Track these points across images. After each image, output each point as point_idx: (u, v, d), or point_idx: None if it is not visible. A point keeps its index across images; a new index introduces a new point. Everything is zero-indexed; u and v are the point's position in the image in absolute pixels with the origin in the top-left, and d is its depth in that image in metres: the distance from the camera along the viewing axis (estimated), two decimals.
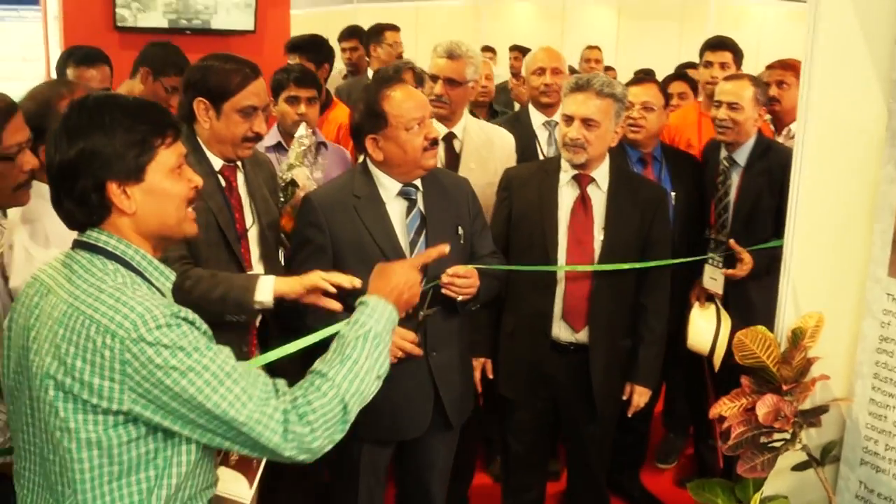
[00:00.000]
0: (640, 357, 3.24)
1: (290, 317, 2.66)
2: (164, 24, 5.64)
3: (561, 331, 3.16)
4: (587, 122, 3.06)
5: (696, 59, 6.75)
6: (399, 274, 2.03)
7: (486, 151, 3.63)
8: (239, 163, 2.81)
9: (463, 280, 2.74)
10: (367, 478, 2.92)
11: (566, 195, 3.15)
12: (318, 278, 2.51)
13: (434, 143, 2.76)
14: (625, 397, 3.25)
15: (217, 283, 2.54)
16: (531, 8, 11.45)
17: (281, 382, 1.78)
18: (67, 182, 1.70)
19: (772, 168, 3.58)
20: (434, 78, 3.63)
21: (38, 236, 2.32)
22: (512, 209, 3.20)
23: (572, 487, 3.52)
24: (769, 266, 3.29)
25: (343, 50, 6.30)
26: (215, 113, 2.67)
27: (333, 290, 2.51)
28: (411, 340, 2.72)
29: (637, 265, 3.14)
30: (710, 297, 3.73)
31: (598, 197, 3.16)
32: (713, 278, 3.71)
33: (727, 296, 3.67)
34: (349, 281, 2.49)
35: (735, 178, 3.69)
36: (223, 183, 2.76)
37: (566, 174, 3.16)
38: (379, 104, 2.73)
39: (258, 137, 2.74)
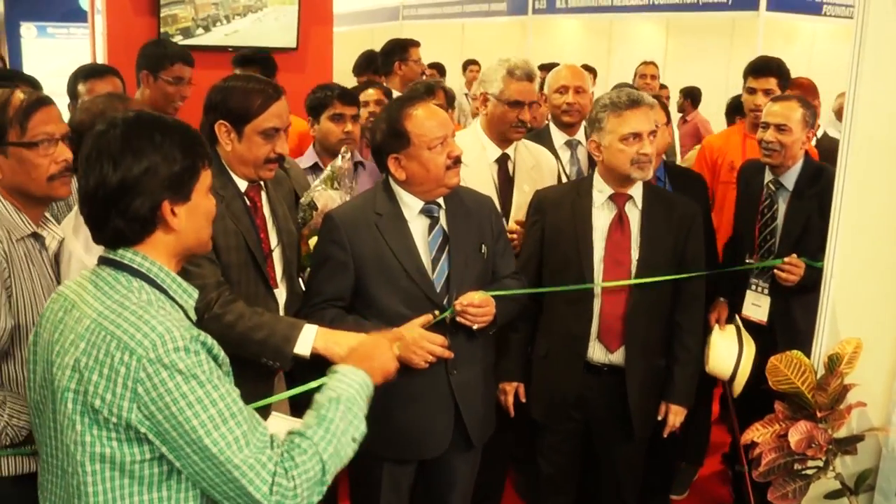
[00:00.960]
0: (675, 376, 3.19)
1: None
2: (207, 41, 5.68)
3: (595, 352, 3.13)
4: (653, 135, 3.08)
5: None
6: (369, 344, 2.11)
7: (536, 173, 3.59)
8: (262, 182, 2.80)
9: (477, 309, 2.73)
10: (388, 497, 2.90)
11: (601, 216, 3.13)
12: None
13: (457, 161, 2.75)
14: (660, 417, 3.19)
15: (259, 326, 2.53)
16: (578, 24, 11.41)
17: (275, 435, 1.78)
18: (125, 199, 1.72)
19: (823, 192, 3.37)
20: (517, 104, 3.45)
21: (93, 248, 2.35)
22: (545, 231, 3.17)
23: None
24: (818, 282, 3.22)
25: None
26: (237, 135, 2.64)
27: None
28: (441, 344, 2.69)
29: (669, 277, 3.11)
30: (729, 320, 3.62)
31: (634, 215, 3.14)
32: (756, 304, 3.60)
33: (773, 322, 3.57)
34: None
35: (782, 203, 3.57)
36: (249, 204, 2.75)
37: (601, 194, 3.13)
38: (401, 123, 2.72)
39: (280, 158, 2.71)
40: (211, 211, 1.87)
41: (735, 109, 5.67)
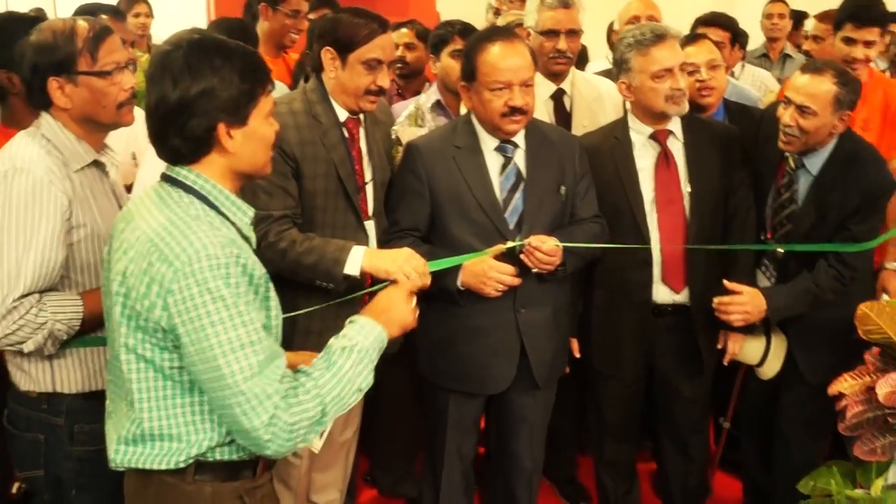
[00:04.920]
0: None
1: None
2: None
3: (660, 294, 3.04)
4: (684, 67, 2.98)
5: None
6: (387, 297, 2.10)
7: (597, 105, 3.46)
8: (361, 117, 2.85)
9: (542, 255, 2.69)
10: (454, 428, 2.94)
11: (644, 157, 3.01)
12: (405, 279, 2.50)
13: (514, 111, 2.69)
14: (719, 346, 3.09)
15: (310, 250, 2.61)
16: None
17: (288, 371, 1.81)
18: (181, 118, 1.77)
19: (848, 185, 2.89)
20: (552, 33, 3.34)
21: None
22: None
23: (664, 454, 3.38)
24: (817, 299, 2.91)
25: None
26: (341, 63, 2.71)
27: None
28: (510, 273, 2.70)
29: (725, 247, 3.00)
30: None
31: (678, 149, 3.03)
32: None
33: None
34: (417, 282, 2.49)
35: (803, 186, 2.99)
36: (346, 135, 2.79)
37: (640, 135, 3.02)
38: (473, 55, 2.72)
39: (381, 91, 2.76)
40: (268, 137, 1.89)
41: None
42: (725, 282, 2.91)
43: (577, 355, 3.13)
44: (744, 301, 2.89)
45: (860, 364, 2.53)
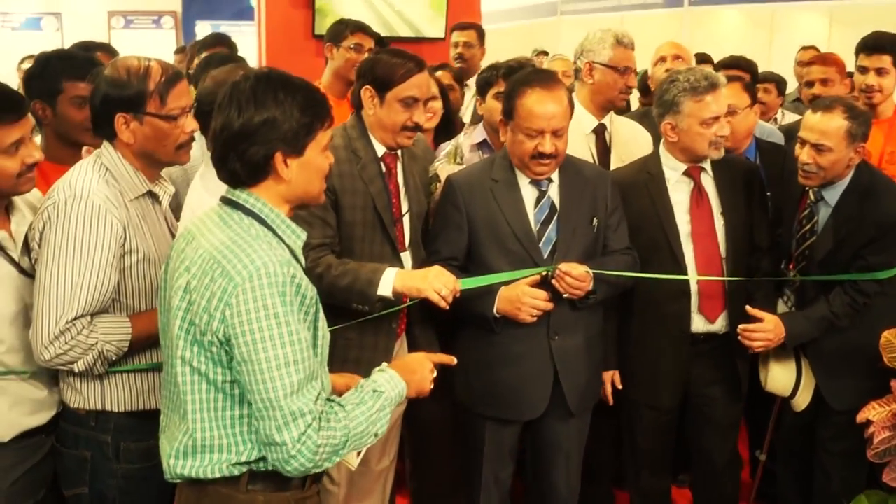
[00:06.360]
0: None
1: None
2: None
3: (695, 323, 3.12)
4: (728, 116, 3.10)
5: None
6: (415, 360, 2.21)
7: (634, 145, 3.59)
8: (399, 152, 2.99)
9: (572, 280, 2.79)
10: (490, 456, 3.01)
11: (678, 192, 3.13)
12: (436, 296, 2.64)
13: (542, 156, 2.81)
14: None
15: (345, 273, 2.73)
16: (738, 15, 11.03)
17: (324, 393, 1.92)
18: (243, 144, 1.90)
19: (863, 216, 2.99)
20: (628, 70, 3.52)
21: (211, 188, 2.46)
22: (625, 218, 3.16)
23: (695, 480, 3.48)
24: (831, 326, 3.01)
25: None
26: (379, 101, 2.85)
27: (446, 306, 2.68)
28: (543, 298, 2.80)
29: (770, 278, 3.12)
30: None
31: (708, 183, 3.16)
32: None
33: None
34: (448, 297, 2.65)
35: (823, 218, 3.08)
36: (384, 169, 2.93)
37: (674, 171, 3.14)
38: (514, 97, 2.84)
39: (417, 128, 2.90)
40: (323, 168, 2.02)
41: None
42: (748, 308, 3.00)
43: (620, 387, 3.20)
44: (767, 328, 2.99)
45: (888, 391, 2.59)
